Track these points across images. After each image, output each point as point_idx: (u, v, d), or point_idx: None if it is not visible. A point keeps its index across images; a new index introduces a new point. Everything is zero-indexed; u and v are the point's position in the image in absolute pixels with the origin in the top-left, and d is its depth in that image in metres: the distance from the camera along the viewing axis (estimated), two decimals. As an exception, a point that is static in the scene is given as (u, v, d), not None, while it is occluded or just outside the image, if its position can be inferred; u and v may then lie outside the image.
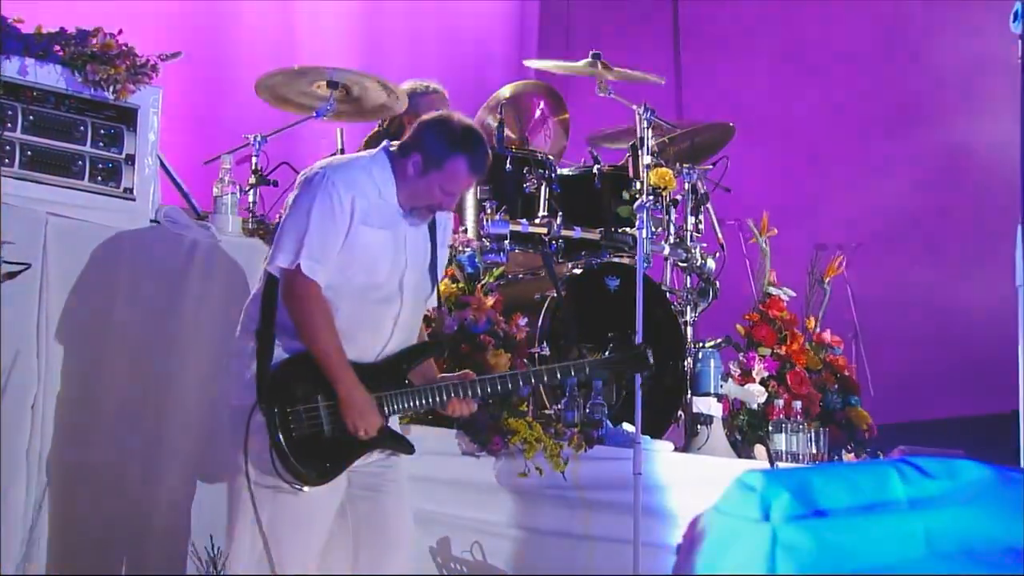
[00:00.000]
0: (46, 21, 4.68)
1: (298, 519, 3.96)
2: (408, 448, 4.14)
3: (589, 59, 6.09)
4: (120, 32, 4.72)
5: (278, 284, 4.00)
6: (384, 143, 4.21)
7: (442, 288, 5.17)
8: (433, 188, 4.09)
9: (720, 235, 6.29)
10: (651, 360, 4.33)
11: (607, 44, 6.28)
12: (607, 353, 4.91)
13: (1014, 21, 3.37)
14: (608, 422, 5.36)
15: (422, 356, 4.19)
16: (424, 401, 4.11)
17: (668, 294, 6.09)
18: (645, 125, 5.92)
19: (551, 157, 6.00)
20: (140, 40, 4.80)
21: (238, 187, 5.16)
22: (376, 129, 6.39)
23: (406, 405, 4.09)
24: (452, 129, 4.11)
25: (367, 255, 4.04)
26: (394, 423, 4.15)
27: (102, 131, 4.69)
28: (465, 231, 5.70)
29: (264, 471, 3.91)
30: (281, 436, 3.90)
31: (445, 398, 4.12)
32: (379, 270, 4.07)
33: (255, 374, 3.95)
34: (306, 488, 3.93)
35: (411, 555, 4.24)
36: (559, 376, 4.35)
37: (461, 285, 5.27)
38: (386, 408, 4.03)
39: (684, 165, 6.14)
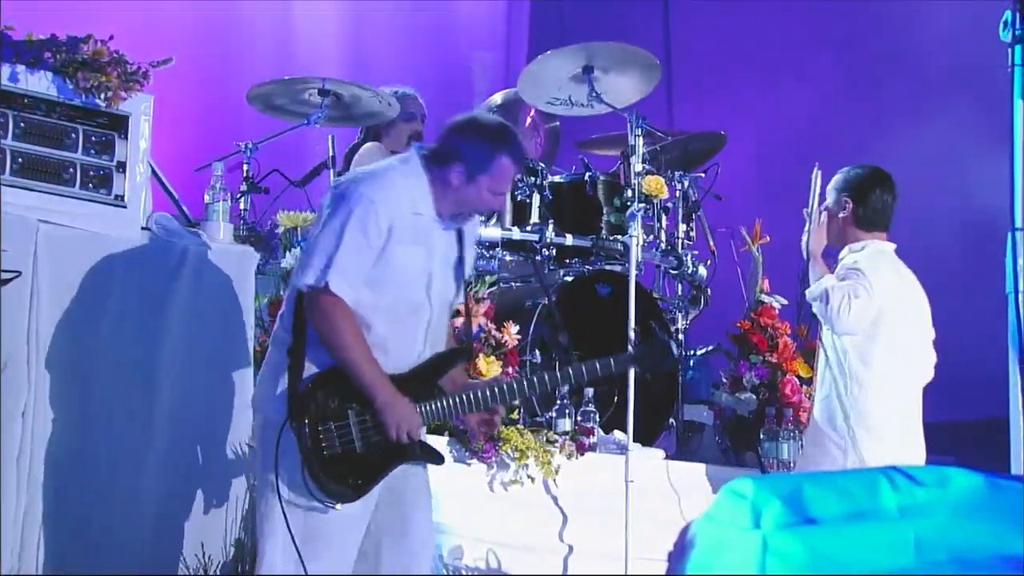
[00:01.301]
0: (36, 27, 4.67)
1: (331, 537, 3.90)
2: (438, 458, 4.10)
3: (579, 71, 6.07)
4: (111, 39, 4.71)
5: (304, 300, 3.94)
6: (413, 148, 4.13)
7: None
8: (482, 192, 4.03)
9: (712, 242, 6.30)
10: (676, 353, 4.27)
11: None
12: (631, 349, 4.81)
13: (1003, 29, 3.39)
14: (599, 430, 5.36)
15: (452, 363, 4.12)
16: (459, 408, 4.05)
17: (659, 301, 6.09)
18: (637, 133, 5.93)
19: (542, 164, 6.00)
20: (131, 47, 4.79)
21: (229, 194, 5.15)
22: (357, 140, 6.42)
23: (441, 413, 4.05)
24: (487, 129, 4.06)
25: (400, 274, 3.98)
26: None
27: (93, 138, 4.67)
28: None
29: (296, 489, 3.86)
30: (313, 455, 3.85)
31: (480, 403, 4.06)
32: (410, 286, 4.01)
33: (286, 389, 3.90)
34: (339, 506, 3.88)
35: (432, 566, 4.20)
36: (589, 374, 4.25)
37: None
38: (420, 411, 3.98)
39: (676, 172, 6.14)
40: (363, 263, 3.92)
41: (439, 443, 4.98)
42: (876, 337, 4.99)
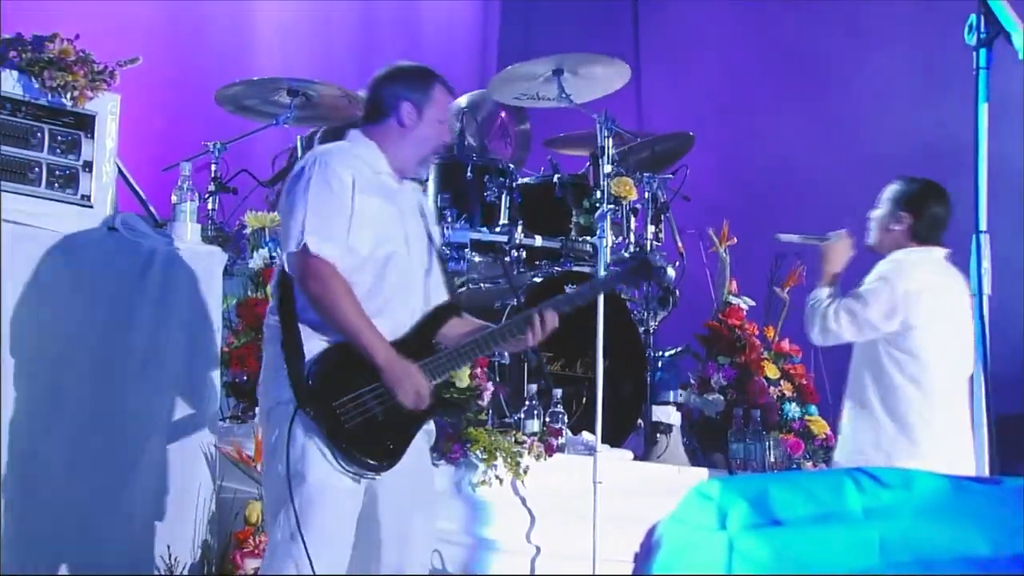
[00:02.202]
0: (7, 24, 4.65)
1: (338, 515, 3.86)
2: (461, 411, 4.13)
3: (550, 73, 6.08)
4: (77, 38, 4.69)
5: (291, 280, 3.90)
6: (348, 132, 4.13)
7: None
8: (433, 125, 4.06)
9: (680, 244, 6.32)
10: (657, 263, 4.26)
11: (567, 47, 6.28)
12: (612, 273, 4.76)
13: (968, 33, 3.41)
14: (568, 431, 5.37)
15: (442, 320, 4.10)
16: (463, 359, 4.09)
17: (628, 303, 6.11)
18: (606, 134, 5.94)
19: (512, 166, 6.01)
20: (98, 46, 4.76)
21: (197, 195, 5.13)
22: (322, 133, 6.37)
23: (446, 368, 4.04)
24: (412, 68, 4.14)
25: (377, 224, 3.96)
26: None
27: (59, 138, 4.64)
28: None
29: (309, 471, 3.80)
30: (336, 432, 3.80)
31: (478, 349, 4.08)
32: (393, 238, 3.99)
33: (287, 373, 3.85)
34: (378, 476, 3.86)
35: (428, 567, 4.18)
36: (577, 301, 4.30)
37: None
38: (428, 377, 3.96)
39: (644, 174, 6.16)
40: (336, 218, 3.89)
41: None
42: (908, 339, 4.97)
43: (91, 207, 4.71)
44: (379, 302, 3.95)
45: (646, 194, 6.10)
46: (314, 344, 3.89)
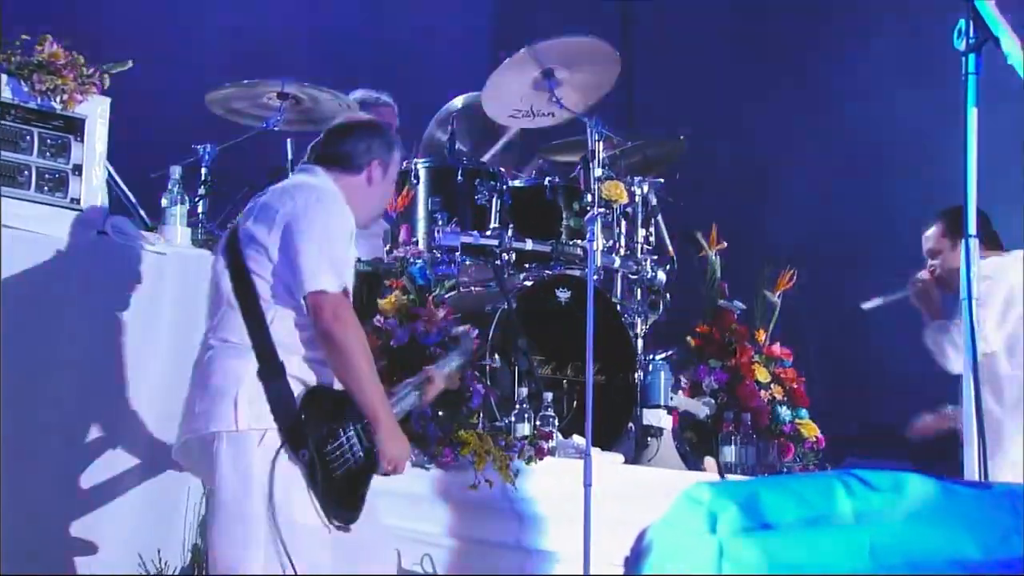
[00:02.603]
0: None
1: (320, 552, 3.83)
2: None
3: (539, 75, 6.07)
4: (67, 41, 4.68)
5: (264, 302, 3.85)
6: (309, 168, 4.10)
7: (392, 300, 5.17)
8: (390, 185, 4.18)
9: (670, 248, 6.32)
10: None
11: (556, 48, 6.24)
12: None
13: (957, 38, 3.41)
14: (558, 434, 5.37)
15: None
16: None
17: (618, 306, 6.11)
18: (596, 138, 5.94)
19: (502, 169, 6.00)
20: (88, 50, 4.76)
21: (187, 198, 5.13)
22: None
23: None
24: (379, 125, 4.23)
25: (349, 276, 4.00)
26: None
27: (49, 141, 4.64)
28: (416, 243, 5.69)
29: (297, 514, 3.75)
30: (324, 480, 3.77)
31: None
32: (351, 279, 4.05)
33: (258, 400, 3.79)
34: (352, 527, 3.84)
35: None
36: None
37: (412, 297, 5.25)
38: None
39: (635, 178, 6.16)
40: (349, 262, 3.94)
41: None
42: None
43: (81, 210, 4.71)
44: None
45: (636, 198, 6.10)
46: (303, 373, 3.85)
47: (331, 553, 3.83)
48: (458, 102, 6.60)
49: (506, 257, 5.78)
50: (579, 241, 5.87)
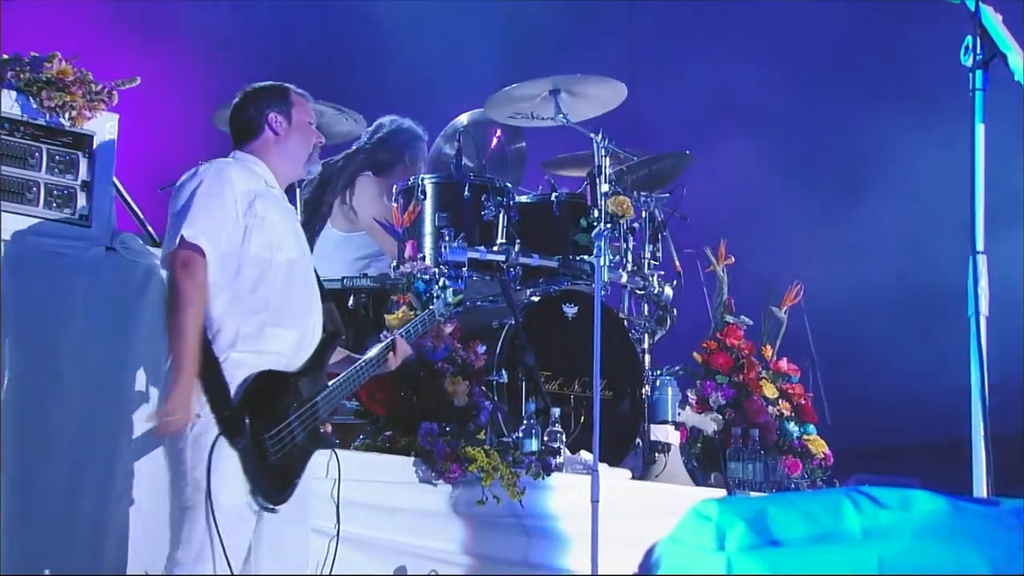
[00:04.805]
0: (5, 44, 4.66)
1: (242, 542, 3.96)
2: (329, 443, 4.23)
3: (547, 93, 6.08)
4: (76, 58, 4.70)
5: None
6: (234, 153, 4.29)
7: (399, 315, 5.17)
8: (305, 128, 4.30)
9: (677, 263, 6.32)
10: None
11: (563, 68, 6.28)
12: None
13: (964, 55, 3.41)
14: (566, 450, 5.36)
15: (329, 351, 4.25)
16: (347, 391, 4.33)
17: (625, 322, 6.10)
18: (602, 153, 5.94)
19: (509, 185, 6.01)
20: (96, 66, 4.77)
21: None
22: (361, 151, 6.43)
23: (338, 400, 4.31)
24: (262, 85, 4.36)
25: (277, 230, 4.11)
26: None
27: (57, 157, 4.65)
28: (423, 258, 5.70)
29: (223, 494, 3.87)
30: (260, 465, 3.89)
31: (359, 379, 4.35)
32: (291, 245, 4.15)
33: (206, 391, 3.91)
34: (280, 508, 3.95)
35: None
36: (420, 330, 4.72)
37: (419, 312, 5.25)
38: (322, 410, 4.13)
39: (641, 193, 6.16)
40: (218, 215, 4.01)
41: (405, 463, 4.98)
42: None
43: (89, 227, 4.71)
44: (287, 313, 4.08)
45: (643, 213, 6.10)
46: (239, 367, 3.95)
47: (252, 532, 3.97)
48: (464, 119, 6.61)
49: (513, 272, 5.78)
50: (586, 256, 5.87)
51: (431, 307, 4.95)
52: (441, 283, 5.26)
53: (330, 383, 4.23)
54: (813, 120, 8.40)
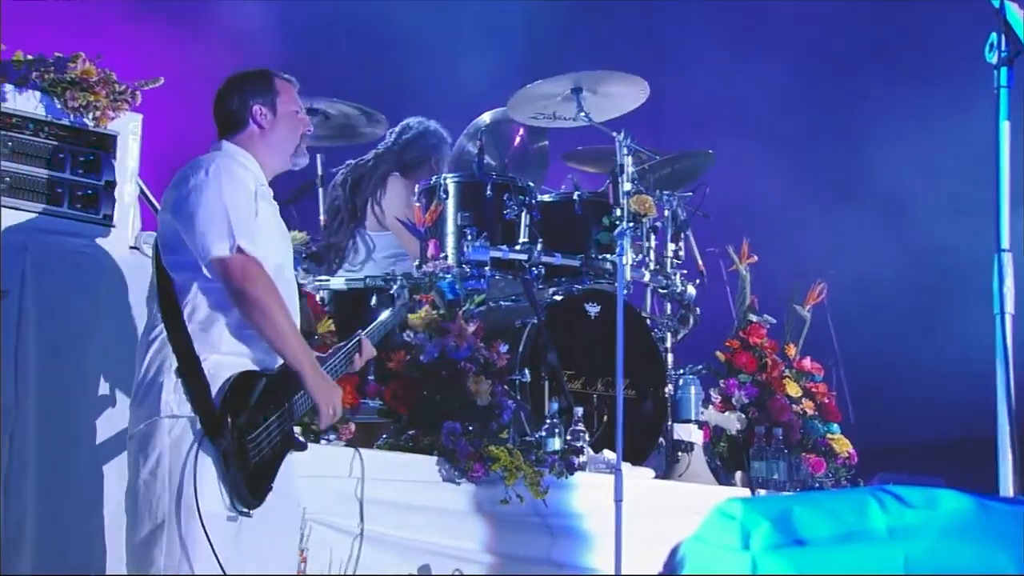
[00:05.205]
0: (28, 45, 4.68)
1: (222, 548, 3.82)
2: (302, 446, 4.09)
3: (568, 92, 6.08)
4: (99, 58, 4.71)
5: (176, 294, 3.92)
6: (214, 145, 4.20)
7: (422, 315, 5.18)
8: (291, 117, 4.19)
9: (700, 262, 6.31)
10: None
11: (586, 67, 6.28)
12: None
13: (989, 52, 3.40)
14: (589, 449, 5.36)
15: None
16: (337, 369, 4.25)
17: (648, 321, 6.10)
18: (625, 152, 5.94)
19: (531, 184, 6.01)
20: (120, 66, 4.79)
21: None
22: (388, 151, 6.45)
23: (311, 401, 4.15)
24: (244, 73, 4.24)
25: (270, 231, 4.05)
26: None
27: (81, 158, 4.67)
28: (445, 257, 5.70)
29: (203, 502, 3.76)
30: (241, 468, 3.80)
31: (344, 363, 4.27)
32: (280, 247, 4.11)
33: (175, 391, 3.84)
34: (253, 512, 3.85)
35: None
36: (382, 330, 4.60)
37: (442, 312, 5.26)
38: (298, 411, 4.04)
39: (664, 191, 6.15)
40: (253, 220, 3.95)
41: (428, 462, 4.98)
42: None
43: (113, 227, 4.73)
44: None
45: (666, 212, 6.09)
46: (220, 368, 3.87)
47: (234, 539, 3.83)
48: (486, 117, 6.62)
49: (535, 271, 5.78)
50: (608, 255, 5.86)
51: (394, 307, 4.90)
52: (399, 283, 5.19)
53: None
54: (836, 118, 8.37)
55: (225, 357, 3.92)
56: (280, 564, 4.05)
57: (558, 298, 5.81)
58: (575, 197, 6.00)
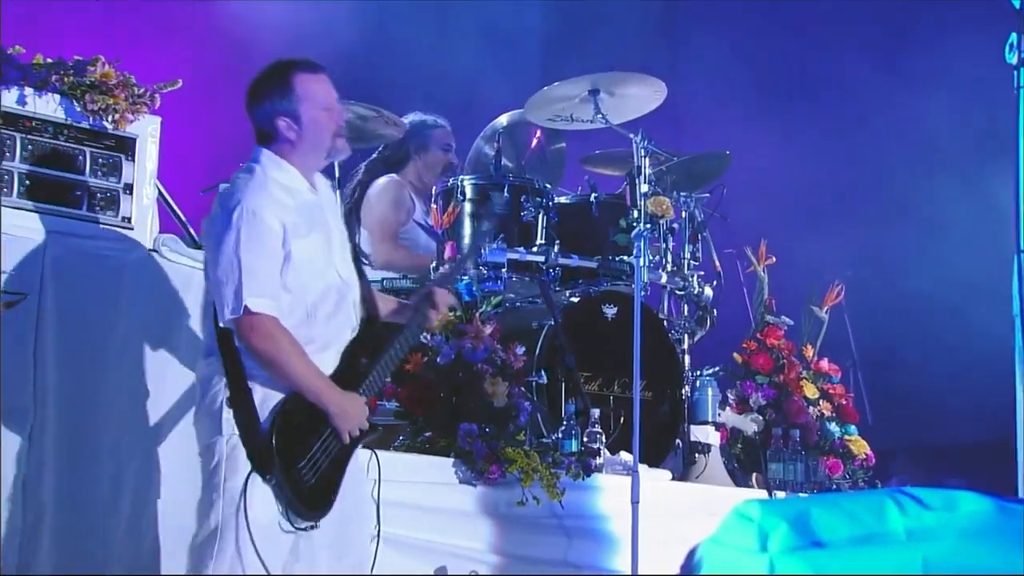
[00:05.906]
0: (50, 48, 4.70)
1: (278, 554, 3.92)
2: (376, 429, 4.12)
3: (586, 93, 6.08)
4: (118, 61, 4.73)
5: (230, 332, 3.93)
6: (253, 152, 4.14)
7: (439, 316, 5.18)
8: (319, 119, 4.09)
9: (717, 263, 6.30)
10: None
11: (603, 69, 6.28)
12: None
13: (1009, 52, 3.39)
14: (606, 451, 5.36)
15: (368, 333, 4.18)
16: (389, 368, 4.20)
17: (665, 322, 6.09)
18: (642, 154, 5.93)
19: (548, 185, 6.01)
20: (138, 69, 4.81)
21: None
22: (362, 176, 6.51)
23: (380, 384, 4.18)
24: (265, 76, 4.12)
25: (312, 269, 4.01)
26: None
27: (100, 160, 4.69)
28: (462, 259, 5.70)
29: (252, 509, 3.83)
30: (296, 494, 3.87)
31: (404, 348, 4.24)
32: (327, 270, 4.07)
33: (233, 426, 3.89)
34: (319, 524, 3.93)
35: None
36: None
37: (459, 313, 5.27)
38: (366, 398, 4.07)
39: (681, 193, 6.14)
40: (271, 270, 3.92)
41: (444, 464, 4.98)
42: None
43: (132, 229, 4.75)
44: (328, 337, 4.03)
45: (683, 213, 6.08)
46: (268, 399, 3.91)
47: (290, 549, 3.91)
48: (503, 119, 6.62)
49: (552, 273, 5.78)
50: (625, 257, 5.86)
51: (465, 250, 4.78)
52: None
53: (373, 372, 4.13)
54: (852, 119, 8.36)
55: (273, 392, 3.93)
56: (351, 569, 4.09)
57: (575, 300, 5.81)
58: (592, 199, 6.00)
